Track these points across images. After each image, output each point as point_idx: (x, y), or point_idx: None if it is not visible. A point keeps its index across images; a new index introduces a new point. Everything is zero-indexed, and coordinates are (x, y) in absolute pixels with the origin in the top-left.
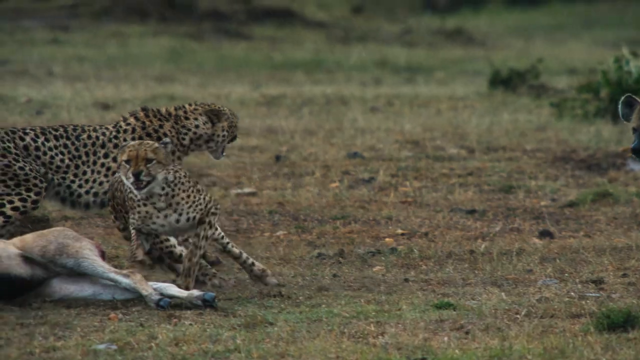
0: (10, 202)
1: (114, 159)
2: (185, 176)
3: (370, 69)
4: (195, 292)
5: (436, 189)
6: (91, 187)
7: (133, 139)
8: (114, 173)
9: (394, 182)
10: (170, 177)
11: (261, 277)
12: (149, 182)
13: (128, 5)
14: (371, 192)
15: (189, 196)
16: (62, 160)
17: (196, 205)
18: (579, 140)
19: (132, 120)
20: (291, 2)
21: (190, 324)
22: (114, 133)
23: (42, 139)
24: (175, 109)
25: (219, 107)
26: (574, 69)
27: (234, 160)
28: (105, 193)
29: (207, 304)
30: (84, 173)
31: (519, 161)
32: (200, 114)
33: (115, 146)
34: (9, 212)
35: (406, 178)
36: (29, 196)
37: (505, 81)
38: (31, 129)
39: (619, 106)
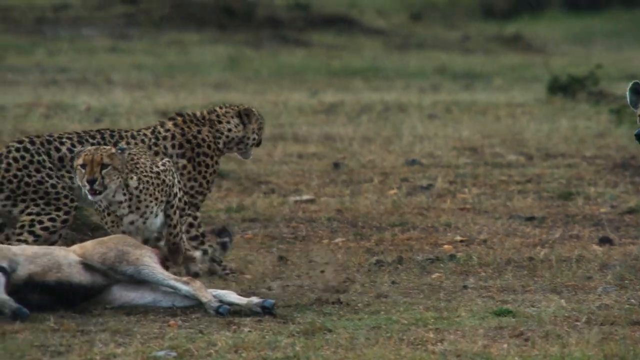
0: (40, 222)
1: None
2: (151, 181)
3: (429, 76)
4: (255, 299)
5: (495, 195)
6: None
7: (173, 146)
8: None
9: (452, 189)
10: (134, 184)
11: (186, 260)
12: (104, 189)
13: (187, 13)
14: (429, 199)
15: (156, 199)
16: None
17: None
18: (638, 147)
19: (170, 126)
20: (350, 9)
21: (249, 331)
22: (152, 140)
23: (78, 148)
24: (209, 113)
25: (250, 109)
26: (633, 75)
27: (293, 168)
28: None
29: (267, 310)
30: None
31: (578, 168)
32: (232, 117)
33: (156, 153)
34: (39, 232)
35: (464, 185)
36: (58, 216)
37: (564, 87)
38: (68, 137)
39: (627, 93)
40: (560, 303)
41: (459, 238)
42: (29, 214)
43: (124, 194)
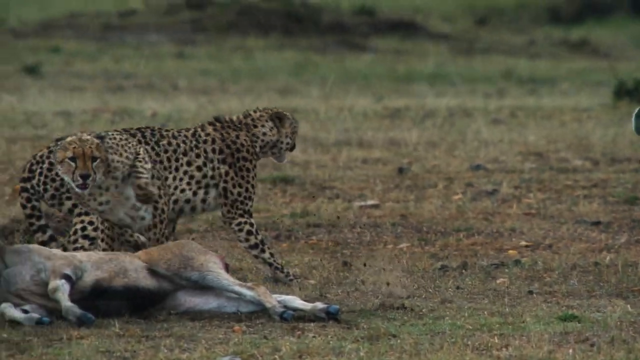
0: (91, 222)
1: (198, 168)
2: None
3: (494, 81)
4: (319, 305)
5: (560, 200)
6: (172, 194)
7: (213, 150)
8: (197, 182)
9: (518, 194)
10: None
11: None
12: (94, 182)
13: (253, 19)
14: (494, 204)
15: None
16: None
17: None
18: None
19: (210, 130)
20: (415, 14)
21: (314, 337)
22: (194, 142)
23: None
24: (244, 117)
25: (283, 112)
26: None
27: (357, 173)
28: (187, 201)
29: (331, 316)
30: (166, 179)
31: None
32: (267, 120)
33: (197, 156)
34: (93, 234)
35: (530, 190)
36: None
37: (630, 92)
38: (114, 134)
39: (633, 119)
40: (626, 308)
41: (524, 243)
42: (79, 214)
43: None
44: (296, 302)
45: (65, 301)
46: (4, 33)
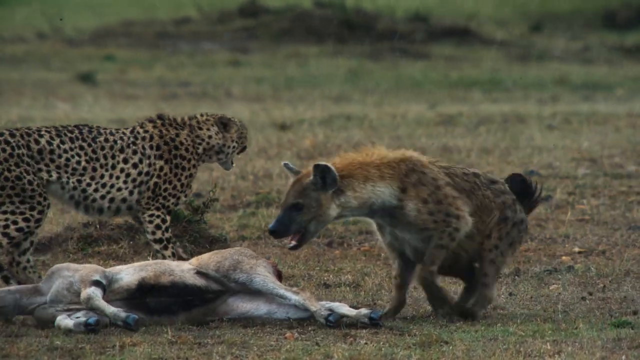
0: (15, 222)
1: (134, 165)
2: None
3: (548, 87)
4: (364, 311)
5: (614, 206)
6: (108, 192)
7: (151, 146)
8: (133, 180)
9: (571, 200)
10: None
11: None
12: None
13: (307, 26)
14: (548, 210)
15: None
16: (78, 163)
17: None
18: None
19: (149, 127)
20: (469, 21)
21: (366, 343)
22: (131, 139)
23: (57, 140)
24: (189, 119)
25: (229, 117)
26: None
27: None
28: (123, 200)
29: (374, 322)
30: (102, 177)
31: None
32: (212, 125)
33: (134, 152)
34: (13, 234)
35: (583, 196)
36: (32, 215)
37: None
38: (46, 130)
39: None
40: None
41: (577, 249)
42: (4, 212)
43: None
44: (343, 308)
45: (107, 308)
46: (59, 41)
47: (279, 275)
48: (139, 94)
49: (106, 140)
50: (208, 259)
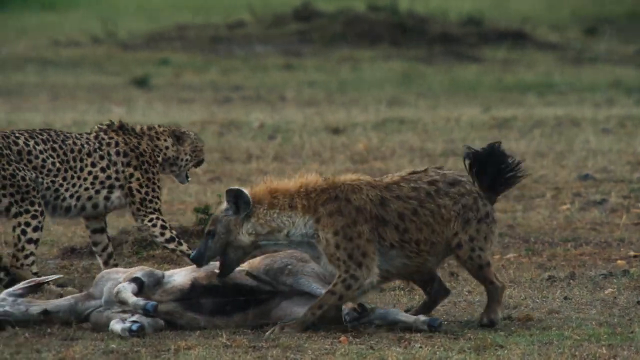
0: (27, 224)
1: (102, 169)
2: None
3: (603, 90)
4: (422, 317)
5: None
6: (76, 192)
7: (117, 153)
8: (101, 182)
9: (626, 204)
10: None
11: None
12: None
13: (360, 30)
14: (603, 214)
15: None
16: (53, 164)
17: None
18: None
19: (113, 134)
20: (523, 24)
21: (420, 347)
22: (97, 144)
23: (32, 142)
24: (148, 129)
25: (182, 130)
26: None
27: None
28: (89, 198)
29: (433, 329)
30: (72, 177)
31: None
32: (168, 136)
33: (101, 157)
34: (34, 235)
35: (638, 199)
36: (37, 210)
37: None
38: (20, 133)
39: None
40: None
41: (632, 253)
42: (15, 215)
43: None
44: (400, 315)
45: (130, 298)
46: (113, 45)
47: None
48: (193, 97)
49: (74, 143)
50: (259, 262)
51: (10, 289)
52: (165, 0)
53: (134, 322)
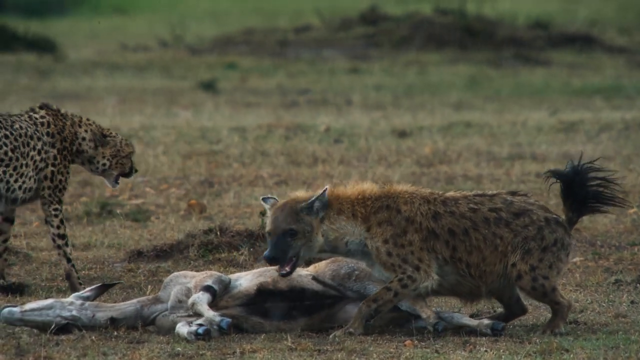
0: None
1: (38, 152)
2: None
3: None
4: (485, 321)
5: None
6: (24, 182)
7: (48, 133)
8: (36, 167)
9: None
10: None
11: None
12: None
13: (427, 33)
14: None
15: None
16: (6, 153)
17: None
18: None
19: (44, 113)
20: (591, 28)
21: (485, 351)
22: (32, 126)
23: None
24: (72, 115)
25: (111, 133)
26: None
27: (531, 187)
28: (30, 189)
29: (496, 332)
30: (21, 166)
31: None
32: (91, 130)
33: (38, 139)
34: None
35: None
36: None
37: None
38: None
39: None
40: None
41: None
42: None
43: None
44: (464, 319)
45: (206, 312)
46: (181, 50)
47: None
48: (260, 101)
49: (20, 127)
50: (325, 267)
51: (79, 292)
52: (234, 4)
53: (200, 325)
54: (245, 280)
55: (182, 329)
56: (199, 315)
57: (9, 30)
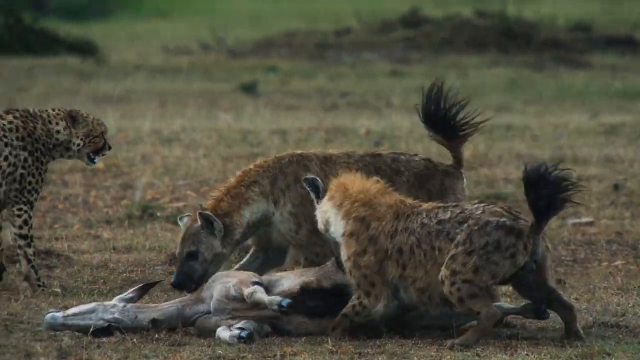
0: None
1: (5, 157)
2: None
3: None
4: (529, 305)
5: None
6: None
7: (17, 137)
8: (3, 172)
9: None
10: None
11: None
12: None
13: (468, 36)
14: None
15: None
16: None
17: None
18: None
19: (11, 118)
20: (633, 30)
21: (527, 354)
22: (1, 132)
23: None
24: (40, 112)
25: (81, 113)
26: None
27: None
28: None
29: (539, 316)
30: None
31: None
32: (62, 119)
33: (6, 145)
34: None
35: None
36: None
37: None
38: None
39: None
40: None
41: None
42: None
43: None
44: (504, 305)
45: (265, 297)
46: (222, 52)
47: None
48: (300, 104)
49: None
50: None
51: (122, 295)
52: (274, 7)
53: (242, 329)
54: (288, 279)
55: (224, 333)
56: (258, 303)
57: (51, 33)
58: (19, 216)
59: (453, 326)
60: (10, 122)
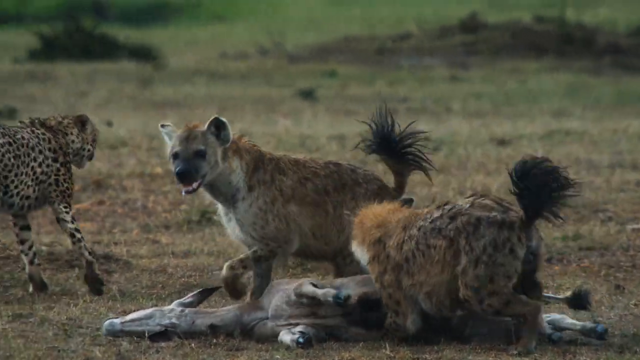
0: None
1: (39, 164)
2: None
3: None
4: (589, 324)
5: None
6: (22, 190)
7: (49, 149)
8: (36, 178)
9: None
10: None
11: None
12: None
13: (527, 41)
14: None
15: None
16: (9, 159)
17: None
18: None
19: (44, 130)
20: None
21: None
22: (35, 139)
23: None
24: (58, 124)
25: (85, 116)
26: None
27: (631, 195)
28: (27, 198)
29: (599, 336)
30: (21, 174)
31: None
32: (73, 127)
33: (40, 152)
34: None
35: None
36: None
37: None
38: None
39: None
40: None
41: None
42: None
43: None
44: (565, 320)
45: (318, 291)
46: (281, 58)
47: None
48: (359, 109)
49: (23, 137)
50: None
51: (180, 299)
52: (333, 12)
53: (302, 333)
54: (348, 289)
55: (286, 336)
56: (312, 298)
57: (111, 39)
58: (67, 212)
59: (512, 330)
60: (43, 134)
